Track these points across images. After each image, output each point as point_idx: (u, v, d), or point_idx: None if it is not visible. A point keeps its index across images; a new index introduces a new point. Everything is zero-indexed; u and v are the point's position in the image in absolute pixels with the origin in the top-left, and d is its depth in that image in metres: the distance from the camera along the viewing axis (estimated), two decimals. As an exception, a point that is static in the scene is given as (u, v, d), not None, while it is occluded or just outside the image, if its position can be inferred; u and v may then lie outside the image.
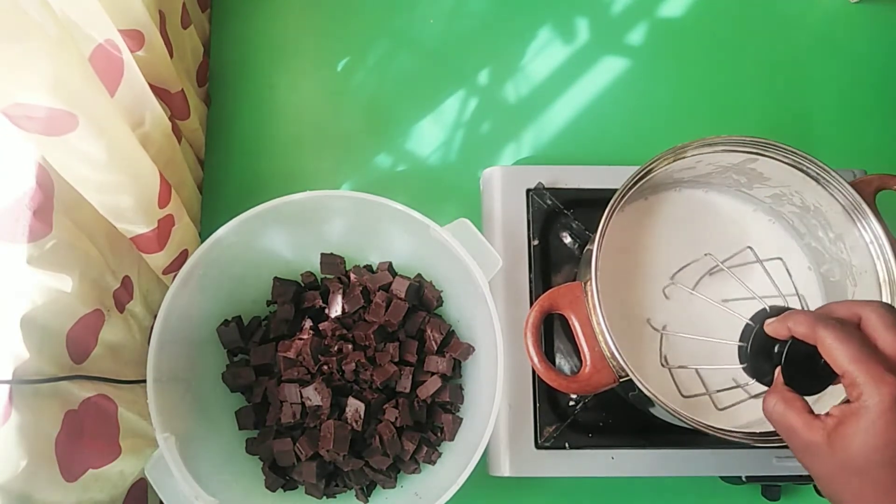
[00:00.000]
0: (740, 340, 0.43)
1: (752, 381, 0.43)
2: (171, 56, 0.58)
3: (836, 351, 0.35)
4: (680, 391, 0.53)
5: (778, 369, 0.40)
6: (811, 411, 0.38)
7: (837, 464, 0.35)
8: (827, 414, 0.36)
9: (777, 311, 0.41)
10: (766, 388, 0.41)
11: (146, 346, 0.49)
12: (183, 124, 0.63)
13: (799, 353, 0.39)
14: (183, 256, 0.57)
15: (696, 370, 0.54)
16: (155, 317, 0.55)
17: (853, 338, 0.35)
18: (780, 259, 0.56)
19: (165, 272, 0.56)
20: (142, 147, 0.47)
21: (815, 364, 0.38)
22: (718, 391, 0.53)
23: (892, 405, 0.33)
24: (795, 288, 0.55)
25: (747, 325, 0.43)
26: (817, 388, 0.40)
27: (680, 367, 0.53)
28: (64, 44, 0.36)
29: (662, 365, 0.53)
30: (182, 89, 0.60)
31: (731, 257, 0.55)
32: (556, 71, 0.74)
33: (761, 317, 0.42)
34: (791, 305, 0.45)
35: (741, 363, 0.43)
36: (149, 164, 0.48)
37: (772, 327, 0.40)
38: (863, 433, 0.34)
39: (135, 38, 0.51)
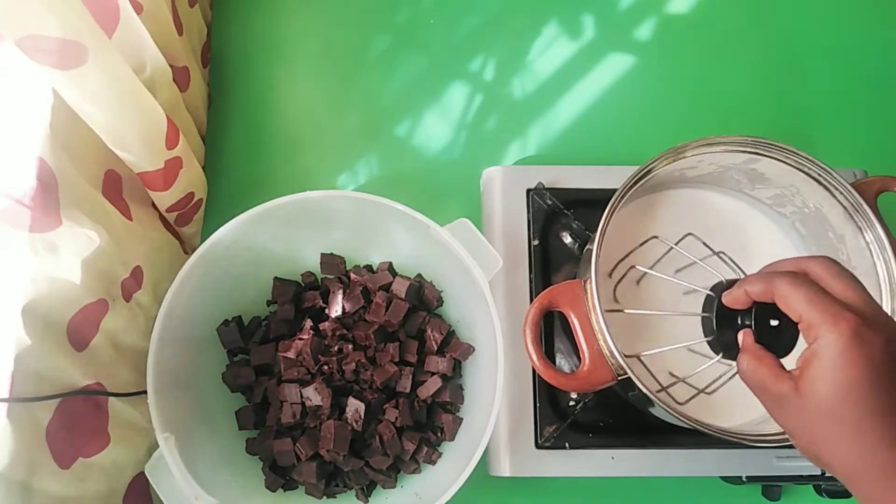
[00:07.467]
0: (703, 311, 0.43)
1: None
2: (181, 34, 0.59)
3: (790, 298, 0.35)
4: (657, 380, 0.51)
5: (745, 331, 0.40)
6: (781, 366, 0.37)
7: (807, 412, 0.35)
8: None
9: (733, 283, 0.41)
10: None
11: (149, 335, 0.50)
12: (183, 95, 0.63)
13: (764, 317, 0.39)
14: (189, 197, 0.58)
15: (672, 372, 0.53)
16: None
17: (805, 282, 0.36)
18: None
19: (169, 210, 0.58)
20: (147, 89, 0.48)
21: (780, 326, 0.39)
22: (692, 375, 0.50)
23: (851, 342, 0.33)
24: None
25: (708, 295, 0.43)
26: (784, 349, 0.40)
27: (642, 352, 0.51)
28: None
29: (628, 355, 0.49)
30: (186, 66, 0.61)
31: (719, 248, 0.52)
32: (557, 71, 0.74)
33: (720, 288, 0.42)
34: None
35: (706, 336, 0.44)
36: (153, 104, 0.49)
37: (730, 297, 0.40)
38: (827, 372, 0.33)
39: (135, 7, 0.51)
